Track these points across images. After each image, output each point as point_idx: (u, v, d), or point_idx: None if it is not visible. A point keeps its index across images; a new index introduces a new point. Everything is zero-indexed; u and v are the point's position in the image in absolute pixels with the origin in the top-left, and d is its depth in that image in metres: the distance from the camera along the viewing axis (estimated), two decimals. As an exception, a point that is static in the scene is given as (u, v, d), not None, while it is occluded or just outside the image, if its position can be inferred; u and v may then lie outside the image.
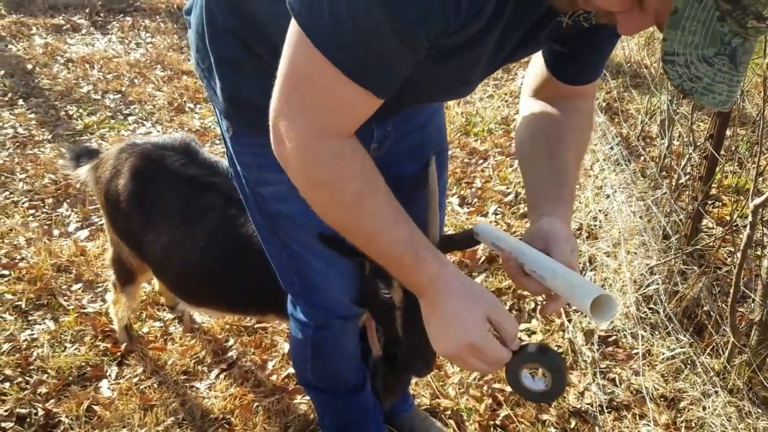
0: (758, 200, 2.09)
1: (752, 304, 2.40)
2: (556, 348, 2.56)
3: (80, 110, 4.43)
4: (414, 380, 2.33)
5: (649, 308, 2.64)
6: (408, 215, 1.12)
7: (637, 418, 2.26)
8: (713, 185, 2.79)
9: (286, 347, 2.51)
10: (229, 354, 2.51)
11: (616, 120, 4.14)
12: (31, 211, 3.35)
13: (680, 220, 2.86)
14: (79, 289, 2.83)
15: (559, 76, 1.31)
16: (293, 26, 0.95)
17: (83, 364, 2.44)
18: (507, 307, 2.78)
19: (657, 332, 2.55)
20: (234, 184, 1.57)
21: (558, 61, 1.30)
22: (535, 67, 1.37)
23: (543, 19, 1.09)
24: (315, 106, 0.99)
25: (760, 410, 2.20)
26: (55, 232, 3.18)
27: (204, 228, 1.98)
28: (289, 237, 1.52)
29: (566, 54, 1.25)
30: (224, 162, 2.07)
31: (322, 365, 1.77)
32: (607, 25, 0.99)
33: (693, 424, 2.22)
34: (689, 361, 2.40)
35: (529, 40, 1.13)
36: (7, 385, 2.32)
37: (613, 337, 2.60)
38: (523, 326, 2.67)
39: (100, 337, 2.57)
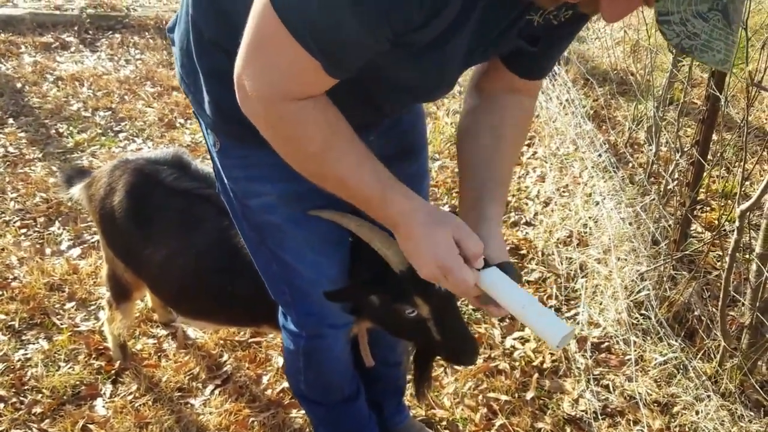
0: (744, 205, 2.12)
1: (742, 308, 2.42)
2: (549, 355, 2.58)
3: (70, 128, 4.42)
4: (408, 392, 2.34)
5: (641, 314, 2.66)
6: (374, 157, 1.20)
7: (632, 423, 2.27)
8: (701, 190, 2.82)
9: (280, 361, 2.51)
10: (224, 369, 2.51)
11: (603, 127, 4.18)
12: (23, 230, 3.35)
13: (669, 225, 2.88)
14: (72, 307, 2.82)
15: (514, 70, 1.34)
16: None
17: (77, 382, 2.44)
18: (500, 319, 2.79)
19: (649, 338, 2.57)
20: (221, 197, 1.59)
21: (516, 57, 1.31)
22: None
23: (517, 18, 1.12)
24: (274, 70, 1.05)
25: (752, 413, 2.22)
26: (48, 251, 3.17)
27: (199, 240, 2.00)
28: (279, 247, 1.53)
29: (527, 50, 1.27)
30: None
31: (314, 375, 1.78)
32: (577, 18, 1.02)
33: (687, 429, 2.23)
34: (681, 366, 2.42)
35: (502, 38, 1.16)
36: (1, 405, 2.32)
37: (606, 344, 2.62)
38: (516, 334, 2.69)
39: (93, 356, 2.57)
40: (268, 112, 1.10)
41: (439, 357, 1.70)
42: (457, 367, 1.91)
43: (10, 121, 4.51)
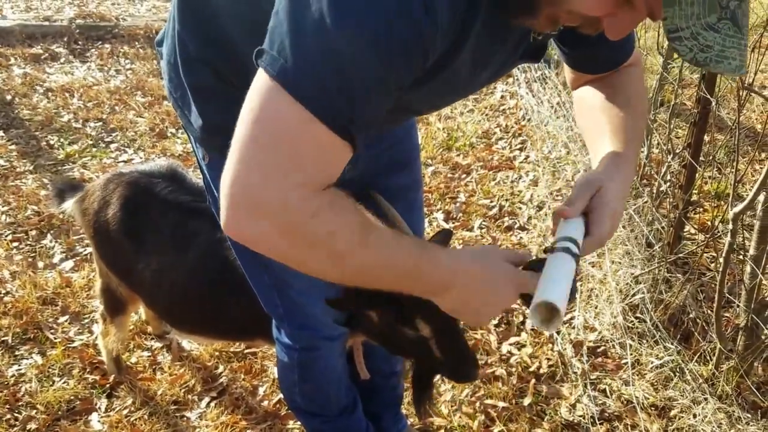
0: (738, 207, 2.12)
1: (737, 310, 2.43)
2: (546, 360, 2.57)
3: (61, 140, 4.41)
4: (406, 399, 2.33)
5: (636, 317, 2.66)
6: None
7: (629, 428, 2.27)
8: (693, 191, 2.82)
9: (276, 372, 2.50)
10: (219, 381, 2.49)
11: (595, 130, 4.18)
12: (15, 244, 3.33)
13: (662, 228, 2.88)
14: (66, 321, 2.81)
15: (585, 70, 1.36)
16: (262, 83, 0.91)
17: (72, 397, 2.42)
18: (496, 321, 2.79)
19: (645, 341, 2.57)
20: (212, 210, 1.58)
21: (579, 61, 1.34)
22: (566, 72, 1.43)
23: (520, 40, 1.12)
24: (298, 163, 0.91)
25: (749, 415, 2.22)
26: (40, 264, 3.15)
27: (193, 254, 1.99)
28: (271, 260, 1.53)
29: (577, 53, 1.30)
30: None
31: (310, 388, 1.77)
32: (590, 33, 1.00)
33: (684, 432, 2.23)
34: (678, 369, 2.42)
35: (506, 60, 1.17)
36: (-5, 422, 2.30)
37: (602, 348, 2.62)
38: (512, 339, 2.68)
39: (88, 370, 2.55)
40: (296, 214, 0.92)
41: (439, 375, 1.69)
42: (457, 383, 1.87)
43: (0, 133, 4.49)
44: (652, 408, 2.33)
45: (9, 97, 5.01)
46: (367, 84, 0.90)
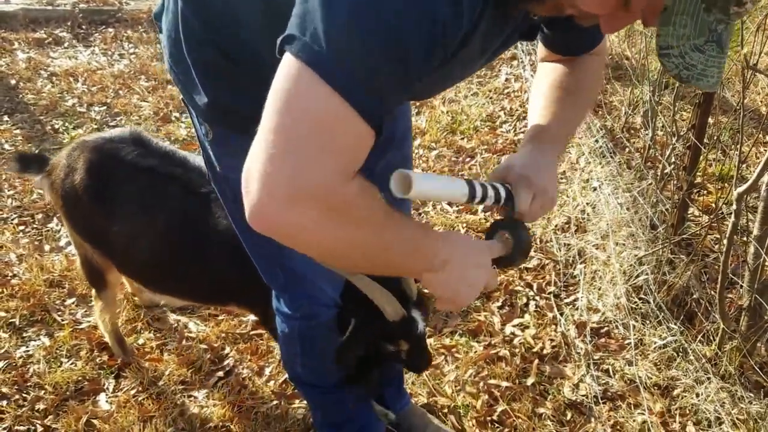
0: (742, 188, 2.12)
1: (740, 290, 2.44)
2: (549, 341, 2.59)
3: (66, 124, 4.41)
4: (411, 380, 2.36)
5: (640, 298, 2.67)
6: None
7: (632, 407, 2.29)
8: (698, 173, 2.82)
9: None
10: (226, 362, 2.52)
11: (599, 112, 4.18)
12: (21, 227, 3.34)
13: (666, 209, 2.89)
14: (73, 303, 2.83)
15: (560, 52, 1.41)
16: (293, 69, 0.89)
17: (80, 378, 2.44)
18: (500, 304, 2.81)
19: (648, 322, 2.58)
20: (213, 186, 1.60)
21: (551, 42, 1.40)
22: (539, 46, 1.48)
23: (520, 23, 1.15)
24: (336, 150, 0.91)
25: (752, 394, 2.23)
26: (46, 247, 3.17)
27: (164, 218, 2.03)
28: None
29: (554, 35, 1.35)
30: (180, 152, 2.11)
31: (310, 357, 1.79)
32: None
33: (687, 411, 2.25)
34: (681, 349, 2.43)
35: (505, 42, 1.20)
36: (4, 402, 2.32)
37: (605, 329, 2.63)
38: (516, 321, 2.70)
39: (96, 351, 2.57)
40: (337, 201, 0.92)
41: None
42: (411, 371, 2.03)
43: (5, 118, 4.50)
44: (655, 387, 2.35)
45: (13, 82, 5.01)
46: (398, 73, 0.91)
